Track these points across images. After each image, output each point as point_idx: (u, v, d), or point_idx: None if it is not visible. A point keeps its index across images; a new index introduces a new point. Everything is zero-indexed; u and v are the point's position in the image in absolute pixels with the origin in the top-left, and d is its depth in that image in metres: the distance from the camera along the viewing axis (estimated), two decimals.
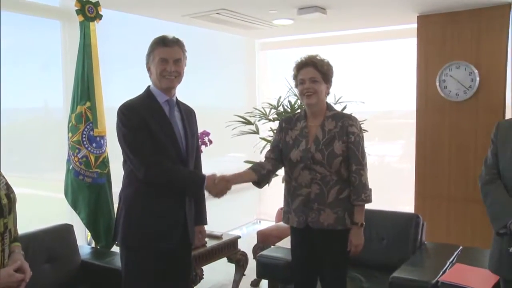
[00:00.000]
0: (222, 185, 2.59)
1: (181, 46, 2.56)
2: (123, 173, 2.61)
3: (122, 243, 2.57)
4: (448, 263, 3.11)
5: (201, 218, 2.79)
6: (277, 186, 4.49)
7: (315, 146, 2.67)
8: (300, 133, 2.75)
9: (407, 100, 5.24)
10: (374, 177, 2.76)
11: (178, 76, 2.54)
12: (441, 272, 2.94)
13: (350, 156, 2.66)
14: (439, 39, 4.67)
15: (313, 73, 2.68)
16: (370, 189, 2.70)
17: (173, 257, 2.58)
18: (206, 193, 2.65)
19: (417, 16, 4.74)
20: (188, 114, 2.67)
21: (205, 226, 2.96)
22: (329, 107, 2.80)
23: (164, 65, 2.49)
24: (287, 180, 2.81)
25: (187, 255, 2.75)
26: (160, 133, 2.46)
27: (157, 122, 2.48)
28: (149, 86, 2.60)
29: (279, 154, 2.82)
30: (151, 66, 2.55)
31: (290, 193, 2.77)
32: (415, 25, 4.80)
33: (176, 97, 2.64)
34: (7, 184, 1.90)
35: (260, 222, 6.67)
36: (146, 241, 2.49)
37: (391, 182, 5.57)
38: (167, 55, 2.49)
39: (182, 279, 2.72)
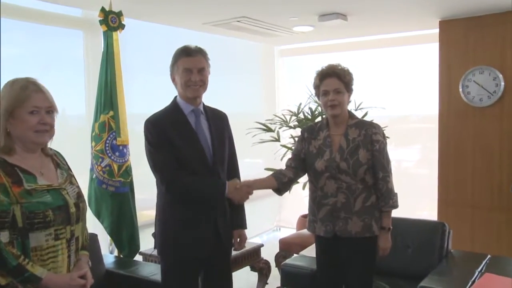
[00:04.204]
0: (243, 191, 2.59)
1: (204, 55, 2.56)
2: (149, 180, 2.68)
3: (159, 253, 2.63)
4: (477, 273, 3.04)
5: (240, 222, 2.75)
6: (297, 193, 4.49)
7: (340, 155, 2.65)
8: (323, 143, 2.73)
9: (425, 104, 5.22)
10: None
11: (203, 85, 2.55)
12: (470, 282, 2.89)
13: (376, 164, 2.65)
14: (462, 44, 4.61)
15: (337, 84, 2.66)
16: (396, 194, 2.69)
17: (210, 263, 2.60)
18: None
19: (439, 21, 4.69)
20: (216, 121, 2.66)
21: None
22: (351, 115, 2.78)
23: (189, 75, 2.49)
24: (312, 189, 2.78)
25: (225, 258, 2.72)
26: (183, 147, 2.47)
27: (182, 136, 2.49)
28: (175, 97, 2.62)
29: (300, 163, 2.81)
30: (175, 76, 2.55)
31: (315, 202, 2.75)
32: (436, 30, 4.75)
33: (203, 104, 2.64)
34: (78, 193, 1.97)
35: (280, 229, 6.64)
36: (179, 252, 2.52)
37: (409, 187, 5.50)
38: (190, 65, 2.49)
39: (224, 281, 2.73)
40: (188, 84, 2.50)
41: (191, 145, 2.51)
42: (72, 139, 4.10)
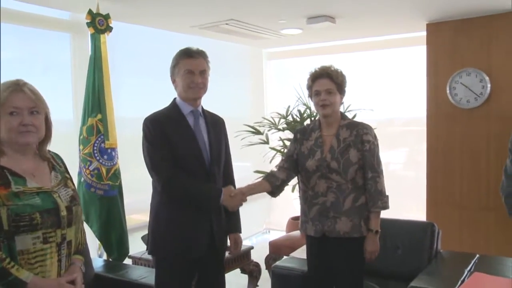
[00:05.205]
0: (238, 198, 2.59)
1: (205, 57, 2.58)
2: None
3: (151, 252, 2.62)
4: (466, 272, 3.05)
5: (235, 226, 2.76)
6: (286, 196, 4.48)
7: (331, 155, 2.67)
8: (315, 143, 2.75)
9: (411, 107, 5.25)
10: None
11: (203, 87, 2.56)
12: (459, 282, 2.89)
13: (366, 164, 2.66)
14: (449, 46, 4.65)
15: (329, 84, 2.68)
16: (387, 196, 2.70)
17: (203, 264, 2.60)
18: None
19: (427, 24, 4.73)
20: (214, 124, 2.66)
21: None
22: (343, 116, 2.80)
23: (191, 77, 2.50)
24: (304, 189, 2.80)
25: (218, 261, 2.72)
26: (181, 146, 2.48)
27: (180, 135, 2.50)
28: (175, 99, 2.62)
29: (292, 163, 2.82)
30: (176, 78, 2.55)
31: (307, 203, 2.76)
32: (424, 33, 4.78)
33: (202, 107, 2.65)
34: (72, 196, 1.93)
35: (269, 231, 6.62)
36: (171, 252, 2.52)
37: (395, 189, 5.52)
38: (193, 67, 2.50)
39: (216, 284, 2.73)
40: (191, 86, 2.51)
41: (189, 144, 2.51)
42: (59, 142, 4.05)
